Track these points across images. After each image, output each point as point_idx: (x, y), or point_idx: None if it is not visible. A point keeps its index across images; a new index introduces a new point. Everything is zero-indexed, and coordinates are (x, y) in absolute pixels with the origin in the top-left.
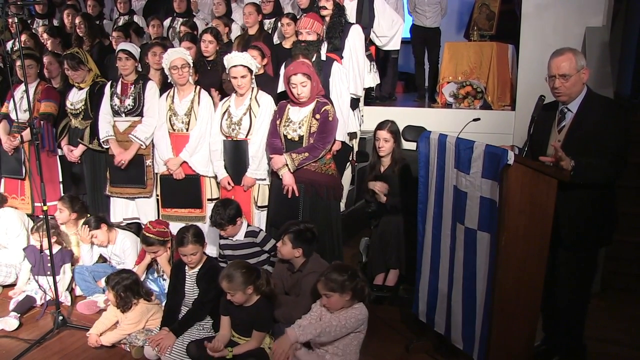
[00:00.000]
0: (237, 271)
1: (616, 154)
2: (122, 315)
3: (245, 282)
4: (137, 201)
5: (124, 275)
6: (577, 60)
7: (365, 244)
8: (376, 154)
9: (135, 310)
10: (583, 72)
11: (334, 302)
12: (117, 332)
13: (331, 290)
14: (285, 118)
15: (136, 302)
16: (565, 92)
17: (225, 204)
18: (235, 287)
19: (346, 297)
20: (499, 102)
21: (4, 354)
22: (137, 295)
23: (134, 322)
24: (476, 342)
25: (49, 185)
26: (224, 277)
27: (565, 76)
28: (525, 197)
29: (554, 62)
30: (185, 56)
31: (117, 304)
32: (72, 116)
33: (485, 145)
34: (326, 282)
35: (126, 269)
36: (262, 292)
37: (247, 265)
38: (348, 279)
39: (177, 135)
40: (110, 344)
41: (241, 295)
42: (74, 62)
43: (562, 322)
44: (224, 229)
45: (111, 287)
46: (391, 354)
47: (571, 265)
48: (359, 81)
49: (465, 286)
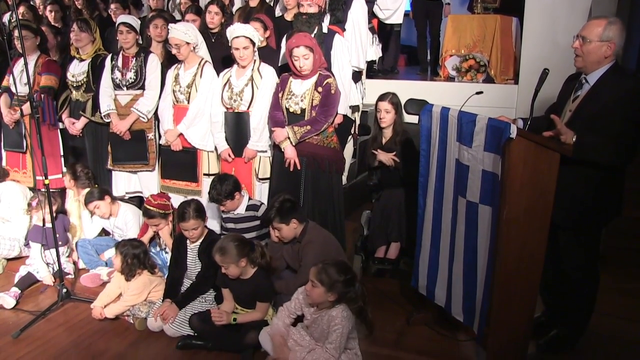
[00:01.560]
0: (230, 244)
1: (625, 137)
2: (125, 285)
3: (238, 254)
4: (139, 175)
5: (135, 244)
6: (607, 30)
7: (367, 217)
8: (378, 126)
9: (138, 281)
10: (608, 45)
11: (316, 295)
12: (120, 303)
13: (320, 282)
14: (287, 91)
15: (140, 272)
16: (580, 55)
17: (221, 179)
18: (228, 260)
19: (330, 297)
20: (502, 75)
21: (9, 325)
22: (142, 266)
23: (137, 294)
24: (476, 314)
25: (50, 159)
26: (217, 250)
27: (584, 38)
28: (527, 170)
29: (587, 22)
30: (185, 37)
31: (122, 270)
32: (73, 89)
33: (488, 118)
34: (320, 272)
35: (137, 239)
36: (257, 264)
37: (240, 238)
38: (343, 282)
39: (179, 107)
40: (114, 315)
41: (235, 267)
42: (83, 24)
43: (568, 300)
44: (223, 204)
45: (120, 252)
46: (392, 327)
47: (571, 244)
48: (361, 54)
49: (466, 259)
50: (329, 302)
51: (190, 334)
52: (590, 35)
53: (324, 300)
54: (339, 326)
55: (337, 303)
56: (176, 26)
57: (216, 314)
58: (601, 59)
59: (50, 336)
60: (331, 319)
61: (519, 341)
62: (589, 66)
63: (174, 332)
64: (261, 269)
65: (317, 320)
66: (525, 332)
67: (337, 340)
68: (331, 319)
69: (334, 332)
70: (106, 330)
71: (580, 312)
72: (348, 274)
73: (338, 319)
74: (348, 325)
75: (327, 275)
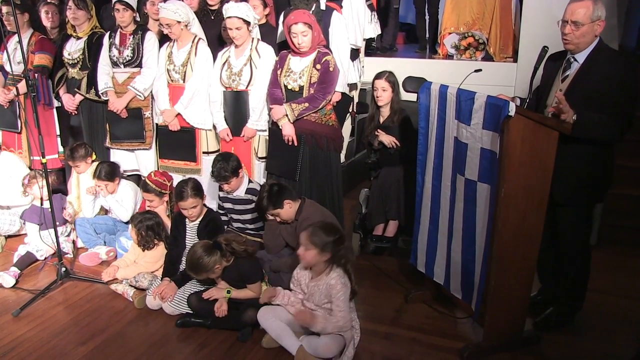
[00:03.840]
0: (198, 261)
1: (620, 111)
2: (142, 254)
3: (210, 264)
4: (137, 153)
5: (148, 216)
6: (595, 10)
7: (365, 195)
8: (375, 105)
9: (156, 250)
10: (598, 23)
11: (311, 257)
12: (133, 267)
13: (313, 245)
14: (286, 68)
15: (157, 243)
16: (574, 40)
17: (225, 157)
18: (204, 275)
19: (324, 257)
20: (501, 53)
21: (9, 303)
22: (158, 237)
23: (152, 262)
24: (475, 291)
25: (46, 139)
26: (190, 269)
27: (576, 23)
28: (525, 148)
29: (571, 6)
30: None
31: (139, 242)
32: (69, 66)
33: (487, 96)
34: (310, 235)
35: (150, 211)
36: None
37: (205, 246)
38: (333, 242)
39: (174, 86)
40: (123, 278)
41: (213, 274)
42: (80, 2)
43: (564, 275)
44: (229, 182)
45: (134, 224)
46: (390, 304)
47: (566, 220)
48: (359, 31)
49: (465, 237)
50: (322, 263)
51: (189, 312)
52: (581, 19)
53: (318, 261)
54: (341, 292)
55: (330, 262)
56: (166, 5)
57: (209, 292)
58: (593, 38)
59: (50, 314)
60: (330, 287)
61: (516, 318)
62: (581, 47)
63: (172, 310)
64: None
65: (314, 290)
66: (522, 309)
67: (343, 304)
68: (330, 287)
69: (337, 299)
70: (105, 309)
71: (575, 288)
72: (336, 233)
73: (339, 285)
74: (347, 290)
75: (318, 237)
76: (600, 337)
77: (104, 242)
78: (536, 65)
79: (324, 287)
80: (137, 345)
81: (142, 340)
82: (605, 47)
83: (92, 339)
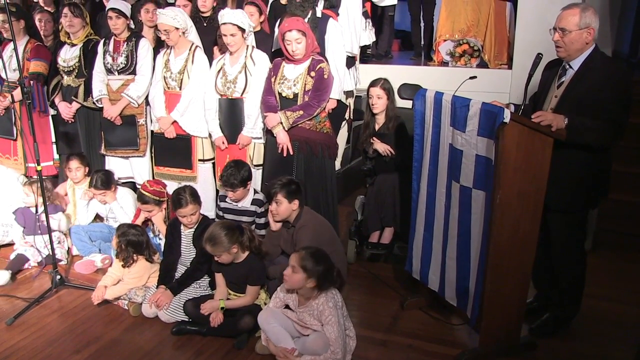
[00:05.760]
0: (220, 232)
1: (613, 116)
2: (125, 269)
3: (229, 242)
4: (131, 160)
5: (133, 232)
6: (583, 17)
7: (361, 202)
8: (370, 112)
9: (138, 265)
10: (588, 31)
11: (296, 280)
12: (120, 285)
13: (301, 268)
14: (280, 75)
15: (136, 259)
16: (563, 47)
17: (238, 165)
18: (220, 249)
19: (309, 284)
20: (496, 60)
21: (3, 312)
22: (139, 253)
23: (137, 277)
24: (470, 298)
25: (41, 146)
26: (207, 241)
27: (563, 30)
28: (520, 155)
29: (560, 14)
30: (173, 22)
31: (117, 254)
32: (65, 74)
33: (482, 103)
34: (301, 259)
35: (139, 226)
36: (249, 249)
37: (228, 225)
38: (322, 272)
39: (171, 93)
40: (113, 297)
41: (227, 255)
42: (76, 10)
43: (560, 281)
44: (234, 190)
45: (117, 234)
46: (386, 311)
47: (561, 226)
48: (355, 39)
49: (460, 244)
50: (309, 290)
51: (185, 319)
52: (568, 26)
53: (303, 286)
54: (331, 317)
55: (316, 290)
56: (164, 11)
57: (204, 307)
58: (583, 45)
59: (44, 322)
60: (320, 313)
61: (511, 324)
62: (573, 54)
63: (168, 318)
64: (252, 253)
65: (302, 316)
66: (518, 316)
67: (334, 328)
68: (320, 313)
69: (328, 324)
70: (101, 317)
71: (571, 293)
72: (327, 265)
73: (327, 310)
74: (337, 311)
75: (308, 263)
76: (596, 343)
77: (99, 250)
78: (531, 72)
79: (316, 313)
80: (132, 353)
81: (137, 348)
82: (600, 54)
83: (87, 347)
